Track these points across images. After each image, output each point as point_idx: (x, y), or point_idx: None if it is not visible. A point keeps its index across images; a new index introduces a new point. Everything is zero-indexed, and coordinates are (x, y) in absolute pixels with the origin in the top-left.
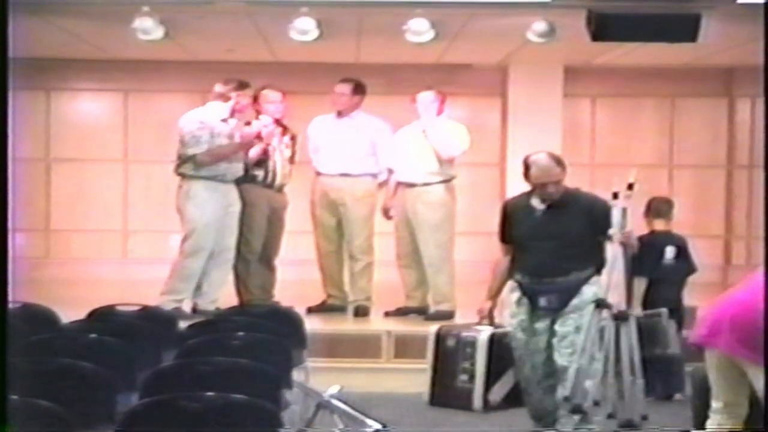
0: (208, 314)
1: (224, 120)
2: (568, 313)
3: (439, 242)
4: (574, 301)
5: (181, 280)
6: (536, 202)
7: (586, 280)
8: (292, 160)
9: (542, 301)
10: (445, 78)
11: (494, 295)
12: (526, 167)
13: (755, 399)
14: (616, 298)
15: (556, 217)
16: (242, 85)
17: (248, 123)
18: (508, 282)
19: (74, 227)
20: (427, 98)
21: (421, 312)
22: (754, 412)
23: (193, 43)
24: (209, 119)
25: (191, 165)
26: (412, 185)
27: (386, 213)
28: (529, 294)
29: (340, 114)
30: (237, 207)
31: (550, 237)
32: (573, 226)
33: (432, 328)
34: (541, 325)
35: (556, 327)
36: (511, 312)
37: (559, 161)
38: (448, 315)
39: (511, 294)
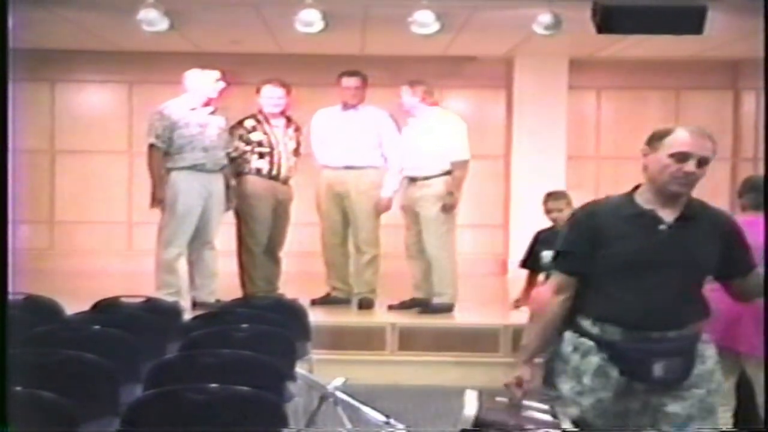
0: (209, 307)
1: (193, 109)
2: (708, 393)
3: (439, 235)
4: (699, 370)
5: (166, 273)
6: (657, 208)
7: (698, 336)
8: (297, 152)
9: (657, 370)
10: (451, 70)
11: (534, 356)
12: (656, 137)
13: (750, 396)
14: None
15: (685, 235)
16: (207, 73)
17: (240, 122)
18: (567, 337)
19: (79, 219)
20: (405, 93)
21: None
22: (748, 408)
23: (198, 35)
24: (172, 110)
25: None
26: (414, 179)
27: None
28: (626, 358)
29: (345, 106)
30: (219, 197)
31: (674, 266)
32: (704, 249)
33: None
34: (637, 404)
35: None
36: (576, 386)
37: (711, 138)
38: (448, 308)
39: (577, 357)
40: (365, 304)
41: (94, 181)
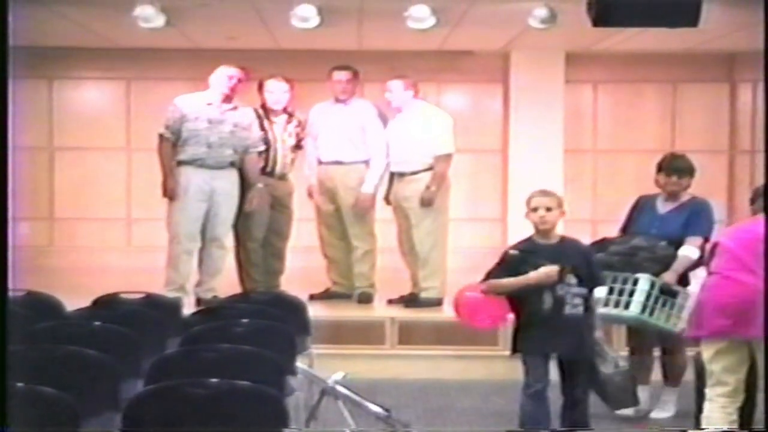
0: (206, 303)
1: (210, 104)
2: None
3: (428, 231)
4: None
5: (170, 269)
6: None
7: None
8: (296, 147)
9: None
10: (447, 65)
11: None
12: None
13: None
14: None
15: None
16: (233, 70)
17: (235, 107)
18: None
19: (78, 216)
20: (398, 87)
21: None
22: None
23: (195, 31)
24: (184, 102)
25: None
26: (402, 174)
27: (386, 200)
28: None
29: (336, 101)
30: (227, 195)
31: None
32: None
33: None
34: None
35: None
36: None
37: None
38: (436, 302)
39: None
40: (364, 299)
41: (93, 178)
